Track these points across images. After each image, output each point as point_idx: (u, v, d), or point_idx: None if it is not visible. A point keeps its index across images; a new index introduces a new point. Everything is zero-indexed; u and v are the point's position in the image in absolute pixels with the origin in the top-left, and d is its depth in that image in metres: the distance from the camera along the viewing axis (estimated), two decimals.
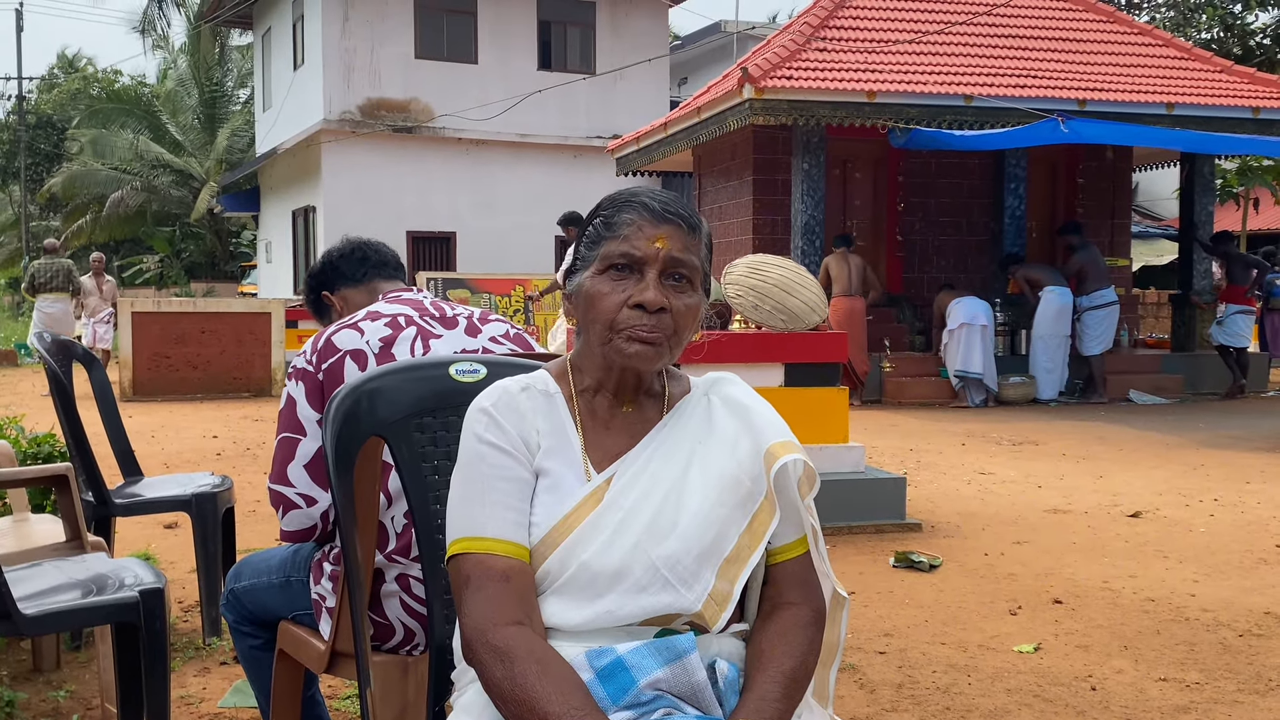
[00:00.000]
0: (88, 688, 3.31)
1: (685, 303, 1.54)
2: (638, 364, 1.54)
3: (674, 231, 1.53)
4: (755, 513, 1.54)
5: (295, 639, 2.30)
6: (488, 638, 1.43)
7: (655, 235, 1.52)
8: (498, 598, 1.46)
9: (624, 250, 1.53)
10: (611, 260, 1.54)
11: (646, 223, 1.53)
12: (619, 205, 1.57)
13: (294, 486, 2.24)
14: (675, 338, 1.55)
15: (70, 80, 36.78)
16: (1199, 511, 6.04)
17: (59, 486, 3.16)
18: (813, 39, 12.18)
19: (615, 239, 1.54)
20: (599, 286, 1.54)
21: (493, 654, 1.42)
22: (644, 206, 1.54)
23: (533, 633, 1.45)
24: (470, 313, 2.40)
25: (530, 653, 1.41)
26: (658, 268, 1.53)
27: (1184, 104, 12.05)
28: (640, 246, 1.52)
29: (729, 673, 1.50)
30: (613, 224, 1.55)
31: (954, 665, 3.58)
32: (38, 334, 3.93)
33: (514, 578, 1.48)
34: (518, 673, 1.39)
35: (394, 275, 2.70)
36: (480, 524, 1.51)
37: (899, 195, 13.19)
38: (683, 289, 1.55)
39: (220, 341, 12.62)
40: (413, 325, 2.32)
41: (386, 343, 2.28)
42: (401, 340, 2.29)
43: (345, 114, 19.04)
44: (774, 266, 5.46)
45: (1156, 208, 24.20)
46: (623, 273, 1.53)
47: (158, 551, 4.93)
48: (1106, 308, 11.68)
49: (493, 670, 1.41)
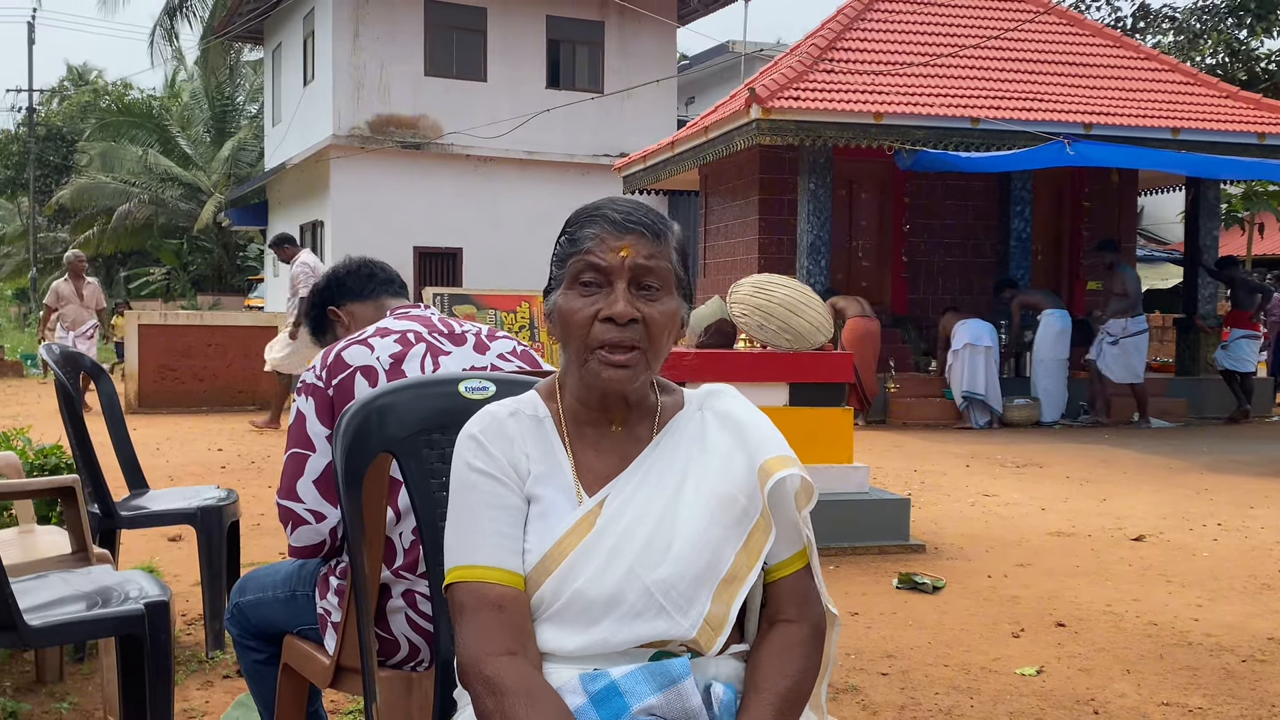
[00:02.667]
0: (90, 700, 3.32)
1: (659, 310, 1.53)
2: (615, 388, 1.54)
3: (637, 240, 1.52)
4: (751, 531, 1.53)
5: (300, 653, 2.30)
6: (480, 668, 1.44)
7: (619, 245, 1.52)
8: (490, 627, 1.46)
9: (588, 263, 1.52)
10: (578, 275, 1.53)
11: (609, 234, 1.52)
12: (582, 220, 1.56)
13: (303, 502, 2.24)
14: (653, 349, 1.54)
15: (80, 93, 36.98)
16: (1203, 536, 6.03)
17: (65, 498, 3.17)
18: (820, 60, 12.23)
19: (579, 254, 1.53)
20: (570, 303, 1.54)
21: (484, 685, 1.42)
22: (605, 219, 1.54)
23: (525, 663, 1.45)
24: (478, 329, 2.41)
25: (519, 685, 1.41)
26: (625, 278, 1.52)
27: (1189, 129, 12.08)
28: (605, 258, 1.52)
29: (724, 696, 1.49)
30: (576, 239, 1.54)
31: (956, 687, 3.57)
32: (46, 345, 3.95)
33: (507, 606, 1.48)
34: (506, 706, 1.39)
35: (400, 293, 2.71)
36: (473, 553, 1.51)
37: (905, 216, 13.22)
38: (654, 296, 1.53)
39: (226, 355, 12.65)
40: (422, 342, 2.33)
41: (397, 359, 2.28)
42: (411, 357, 2.29)
43: (354, 130, 19.12)
44: (779, 286, 5.47)
45: (1161, 231, 24.22)
46: (591, 287, 1.53)
47: (162, 564, 4.93)
48: (1144, 334, 11.44)
49: (484, 701, 1.42)
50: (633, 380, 1.53)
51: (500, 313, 15.64)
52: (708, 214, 14.49)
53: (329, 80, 19.22)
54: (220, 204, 27.18)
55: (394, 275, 2.74)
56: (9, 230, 36.54)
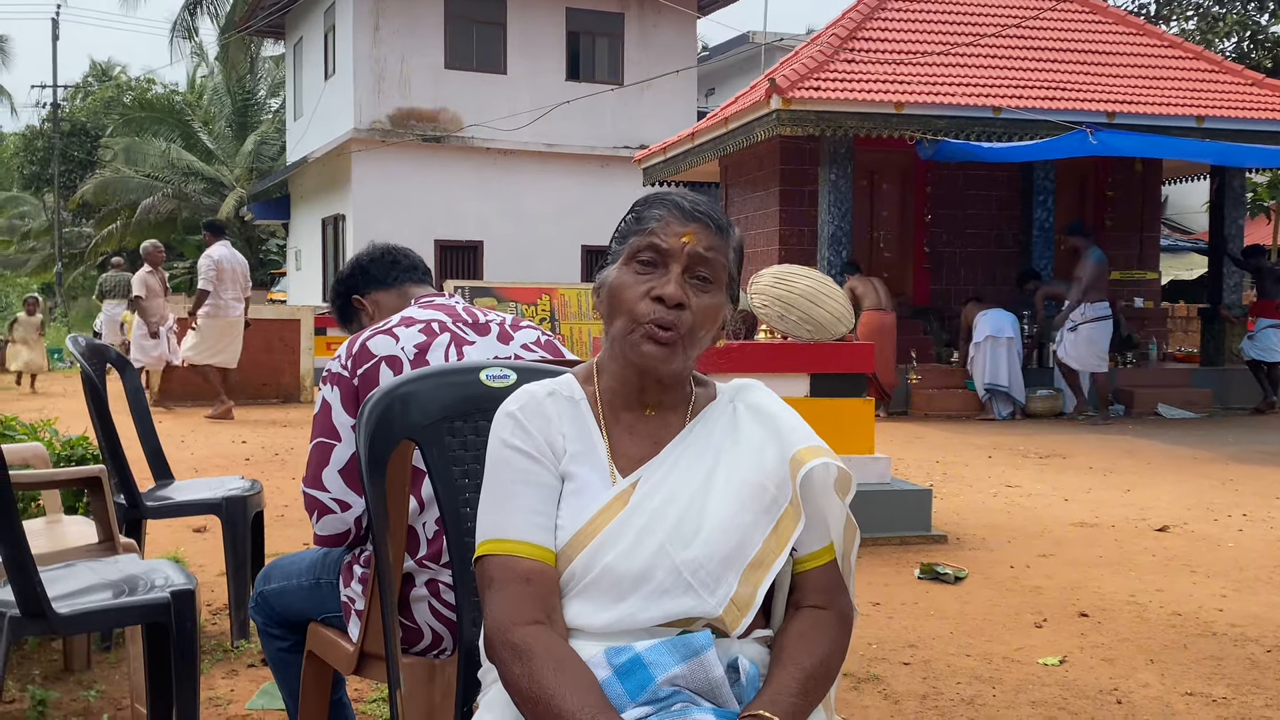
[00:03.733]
0: (118, 688, 3.35)
1: (705, 303, 1.56)
2: (651, 364, 1.55)
3: (701, 229, 1.56)
4: (780, 517, 1.55)
5: (324, 640, 2.32)
6: (507, 636, 1.46)
7: (683, 231, 1.55)
8: (518, 598, 1.49)
9: (650, 243, 1.55)
10: (637, 253, 1.56)
11: (674, 219, 1.56)
12: (650, 202, 1.60)
13: (328, 491, 2.24)
14: (690, 337, 1.55)
15: (104, 89, 37.20)
16: (1228, 526, 6.00)
17: (92, 488, 3.20)
18: (841, 50, 12.18)
19: (643, 232, 1.57)
20: (623, 278, 1.57)
21: (511, 652, 1.44)
22: (674, 204, 1.57)
23: (551, 632, 1.47)
24: (502, 319, 2.40)
25: (548, 651, 1.43)
26: (682, 263, 1.55)
27: (1214, 117, 11.97)
28: (666, 240, 1.55)
29: (751, 670, 1.50)
30: (642, 219, 1.58)
31: (978, 677, 3.57)
32: (72, 338, 3.98)
33: (535, 579, 1.50)
34: (534, 670, 1.41)
35: (423, 280, 2.70)
36: (504, 526, 1.53)
37: (926, 207, 13.16)
38: (705, 288, 1.56)
39: (249, 348, 12.66)
40: (447, 331, 2.33)
41: (421, 349, 2.28)
42: (436, 346, 2.29)
43: (375, 123, 19.18)
44: (800, 277, 5.46)
45: (1186, 221, 24.02)
46: (648, 266, 1.56)
47: (187, 554, 4.98)
48: (1105, 321, 10.96)
49: (511, 668, 1.44)
50: (669, 360, 1.55)
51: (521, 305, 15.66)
52: (728, 205, 14.46)
53: (350, 74, 19.27)
54: (242, 198, 27.31)
55: (418, 261, 2.74)
56: (35, 226, 36.81)
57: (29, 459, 3.77)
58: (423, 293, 2.59)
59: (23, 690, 3.28)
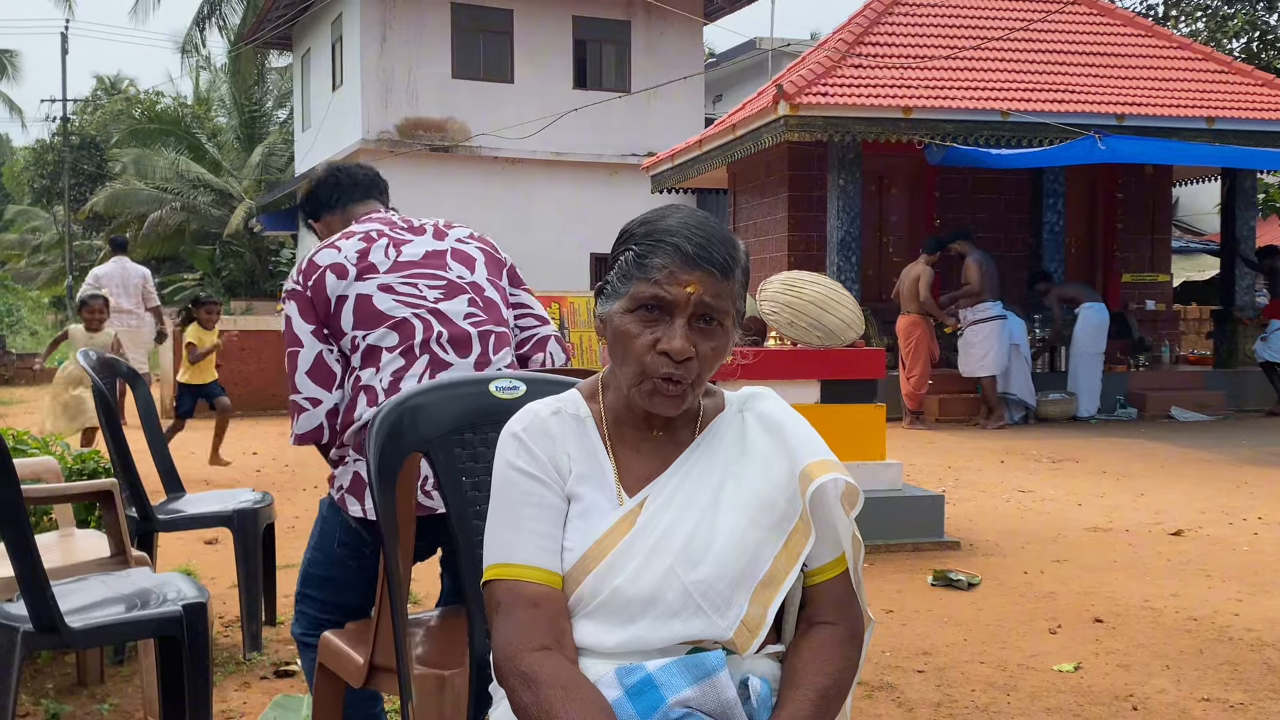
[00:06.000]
0: (130, 701, 3.35)
1: (711, 346, 1.54)
2: (662, 413, 1.56)
3: (705, 278, 1.51)
4: (790, 533, 1.53)
5: (335, 652, 2.32)
6: (515, 663, 1.45)
7: (688, 281, 1.51)
8: (526, 623, 1.48)
9: (654, 294, 1.52)
10: (642, 301, 1.53)
11: (679, 268, 1.51)
12: (653, 243, 1.53)
13: (301, 393, 2.48)
14: (699, 381, 1.55)
15: (112, 102, 37.34)
16: (1243, 530, 5.96)
17: (104, 502, 3.21)
18: (848, 55, 12.17)
19: (646, 281, 1.52)
20: (629, 326, 1.54)
21: (520, 679, 1.44)
22: (677, 250, 1.51)
23: (560, 658, 1.46)
24: (436, 221, 2.65)
25: (555, 678, 1.42)
26: (687, 313, 1.52)
27: (1224, 118, 11.94)
28: (671, 291, 1.51)
29: (761, 689, 1.49)
30: (645, 265, 1.53)
31: (993, 684, 3.55)
32: (83, 351, 4.00)
33: (543, 603, 1.50)
34: (543, 698, 1.40)
35: (367, 195, 2.86)
36: (511, 550, 1.53)
37: (935, 211, 13.13)
38: (711, 331, 1.54)
39: (259, 359, 12.73)
40: (384, 236, 2.55)
41: (362, 254, 2.50)
42: (376, 249, 2.51)
43: (383, 134, 19.22)
44: (810, 283, 5.45)
45: (1197, 222, 23.94)
46: (653, 313, 1.53)
47: (199, 567, 4.98)
48: (992, 322, 10.84)
49: (520, 695, 1.43)
50: (678, 408, 1.56)
51: None
52: (736, 212, 14.45)
53: (357, 84, 19.33)
54: (251, 209, 27.38)
55: (360, 178, 2.88)
56: (45, 239, 36.95)
57: (41, 473, 3.78)
58: (364, 210, 2.79)
59: (36, 704, 3.28)
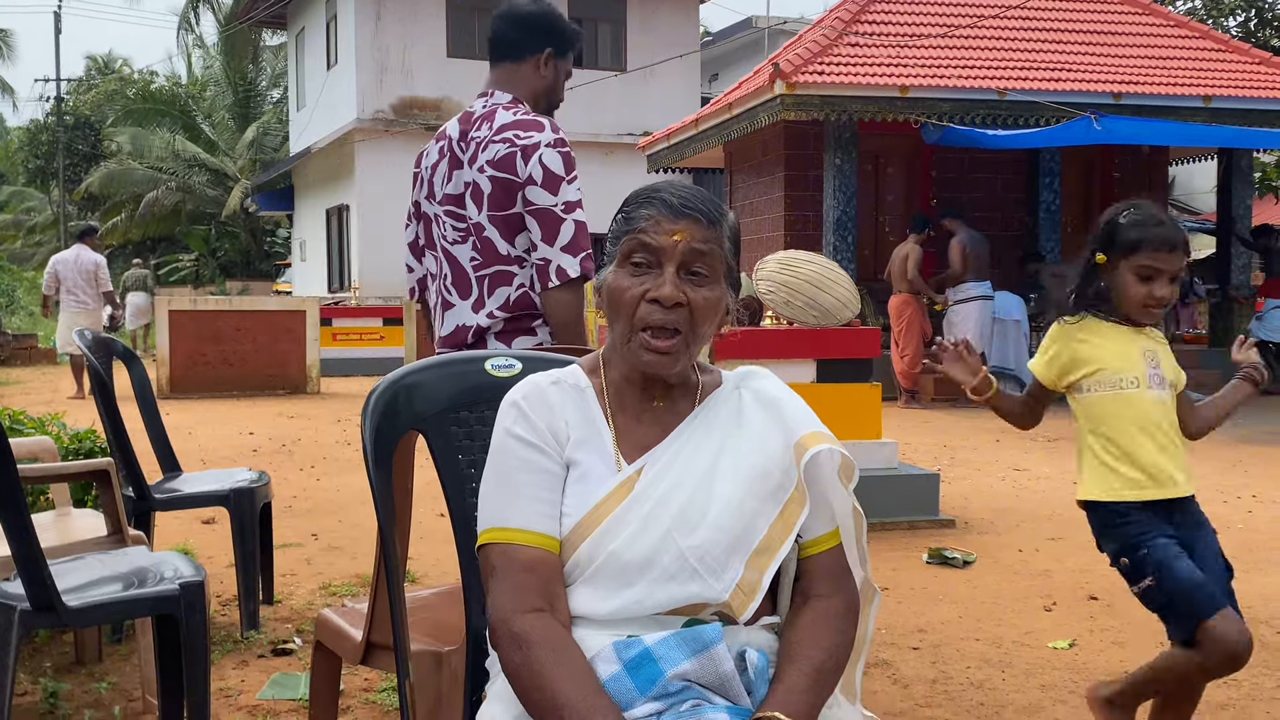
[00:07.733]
0: (129, 679, 3.36)
1: (704, 295, 1.55)
2: (654, 370, 1.57)
3: (691, 225, 1.55)
4: (786, 503, 1.55)
5: (332, 630, 2.33)
6: (508, 625, 1.47)
7: (673, 229, 1.54)
8: (520, 586, 1.49)
9: (641, 243, 1.55)
10: (630, 254, 1.56)
11: (665, 217, 1.55)
12: (640, 201, 1.59)
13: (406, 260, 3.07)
14: (694, 333, 1.56)
15: (106, 81, 37.17)
16: (1237, 508, 5.98)
17: (100, 481, 3.21)
18: (845, 34, 12.13)
19: (634, 233, 1.56)
20: (619, 280, 1.57)
21: (511, 640, 1.46)
22: (663, 202, 1.56)
23: (552, 620, 1.48)
24: (479, 134, 2.93)
25: (546, 640, 1.44)
26: (676, 261, 1.54)
27: (1221, 96, 11.90)
28: (658, 239, 1.54)
29: (759, 661, 1.50)
30: (632, 219, 1.57)
31: (988, 661, 3.57)
32: (79, 331, 3.99)
33: (538, 568, 1.51)
34: (533, 658, 1.43)
35: (500, 59, 3.08)
36: (506, 515, 1.54)
37: (932, 191, 13.11)
38: (702, 282, 1.55)
39: (255, 339, 12.71)
40: (450, 153, 3.01)
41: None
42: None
43: (378, 113, 19.15)
44: (805, 262, 5.45)
45: (1194, 202, 23.94)
46: (641, 267, 1.56)
47: (196, 546, 4.99)
48: (974, 302, 10.75)
49: (511, 656, 1.45)
50: (673, 365, 1.57)
51: None
52: (733, 191, 14.43)
53: (352, 63, 19.24)
54: (247, 189, 27.31)
55: (501, 35, 3.09)
56: (40, 219, 36.84)
57: (37, 452, 3.78)
58: (490, 77, 3.15)
59: (35, 682, 3.29)
